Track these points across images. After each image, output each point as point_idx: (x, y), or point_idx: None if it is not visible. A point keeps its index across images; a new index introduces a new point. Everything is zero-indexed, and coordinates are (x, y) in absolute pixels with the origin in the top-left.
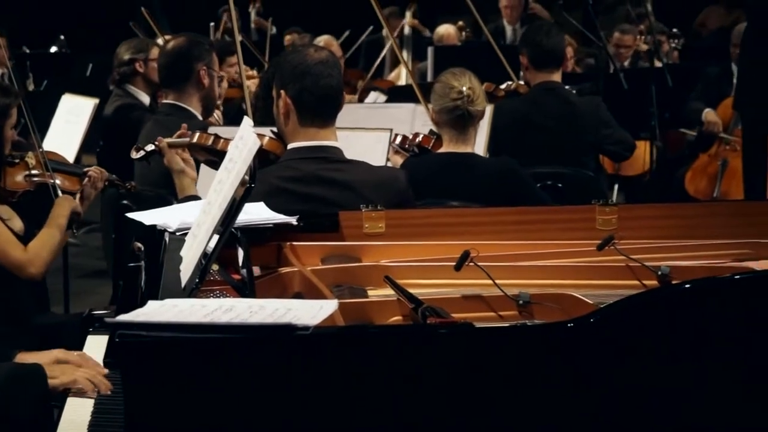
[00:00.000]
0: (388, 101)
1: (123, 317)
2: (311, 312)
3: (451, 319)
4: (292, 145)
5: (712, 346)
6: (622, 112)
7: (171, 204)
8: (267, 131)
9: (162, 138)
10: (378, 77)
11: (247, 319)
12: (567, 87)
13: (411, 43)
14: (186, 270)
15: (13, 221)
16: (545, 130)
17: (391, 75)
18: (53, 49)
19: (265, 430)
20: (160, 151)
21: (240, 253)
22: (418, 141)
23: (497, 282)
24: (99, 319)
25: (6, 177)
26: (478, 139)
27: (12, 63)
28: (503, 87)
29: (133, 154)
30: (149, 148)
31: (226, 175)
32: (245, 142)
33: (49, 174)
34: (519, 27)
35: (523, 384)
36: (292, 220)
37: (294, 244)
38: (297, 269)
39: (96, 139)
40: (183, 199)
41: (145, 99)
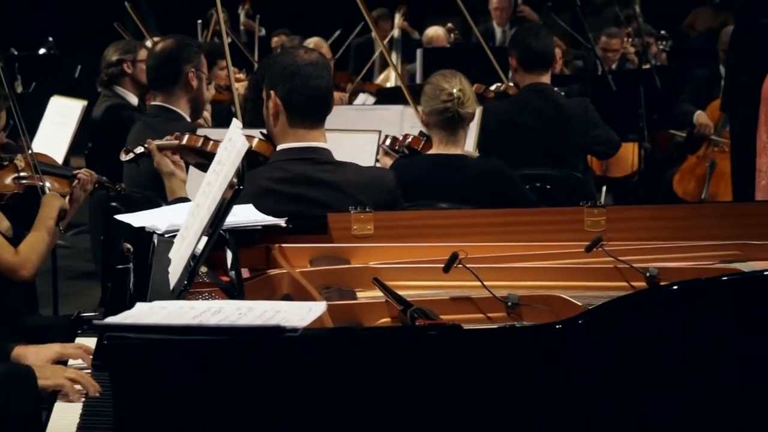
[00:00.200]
0: (376, 103)
1: (111, 319)
2: (300, 314)
3: (440, 320)
4: (281, 146)
5: (701, 347)
6: (611, 114)
7: (159, 206)
8: (256, 133)
9: (151, 140)
10: (367, 80)
11: (235, 321)
12: (556, 89)
13: (400, 45)
14: (174, 272)
15: (0, 223)
16: (534, 131)
17: (380, 77)
18: (42, 50)
19: None
20: (149, 153)
21: (229, 255)
22: (408, 142)
23: (486, 284)
24: (88, 321)
25: None
26: (468, 141)
27: (0, 65)
28: (493, 88)
29: (123, 156)
30: (139, 150)
31: (214, 177)
32: (234, 144)
33: (38, 176)
34: (508, 29)
35: (512, 385)
36: (281, 222)
37: (283, 245)
38: (286, 271)
39: (84, 140)
40: (172, 201)
41: (133, 100)
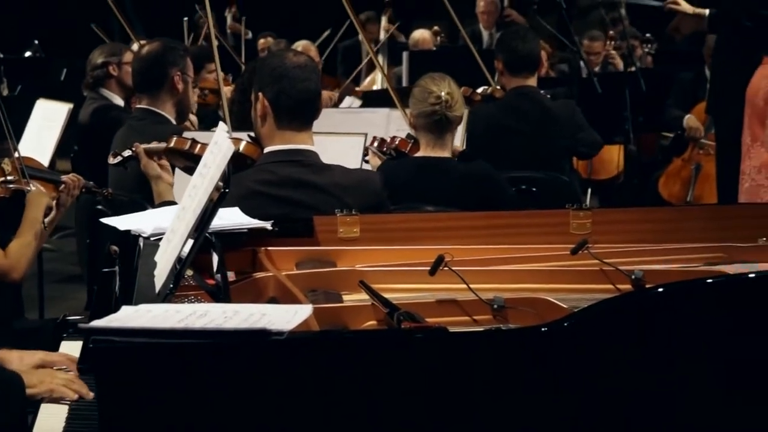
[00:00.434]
0: (362, 106)
1: (97, 323)
2: (286, 317)
3: (426, 323)
4: (268, 148)
5: (687, 349)
6: (596, 117)
7: (146, 209)
8: (244, 136)
9: (139, 143)
10: (355, 83)
11: (221, 324)
12: (542, 91)
13: (387, 48)
14: (160, 275)
15: None
16: (520, 134)
17: (367, 80)
18: (27, 53)
19: None
20: (136, 157)
21: (214, 258)
22: (396, 144)
23: (472, 286)
24: (73, 325)
25: None
26: (454, 143)
27: None
28: (479, 91)
29: (110, 160)
30: (126, 153)
31: (200, 180)
32: (220, 147)
33: (25, 181)
34: (495, 32)
35: (498, 388)
36: (267, 225)
37: (269, 248)
38: (272, 274)
39: (70, 143)
40: (159, 204)
41: (119, 103)
